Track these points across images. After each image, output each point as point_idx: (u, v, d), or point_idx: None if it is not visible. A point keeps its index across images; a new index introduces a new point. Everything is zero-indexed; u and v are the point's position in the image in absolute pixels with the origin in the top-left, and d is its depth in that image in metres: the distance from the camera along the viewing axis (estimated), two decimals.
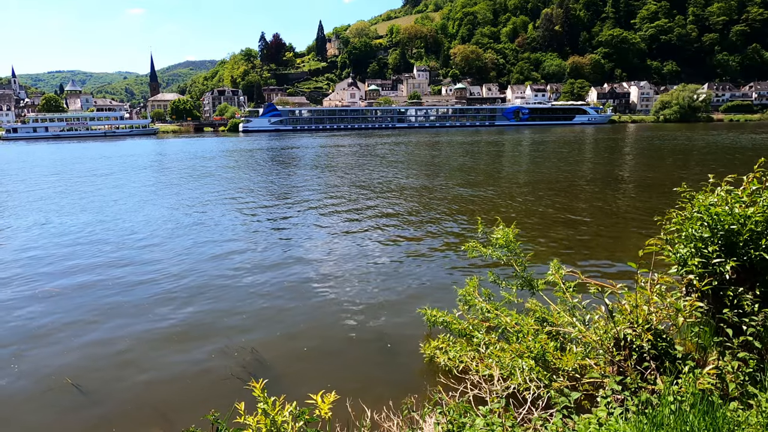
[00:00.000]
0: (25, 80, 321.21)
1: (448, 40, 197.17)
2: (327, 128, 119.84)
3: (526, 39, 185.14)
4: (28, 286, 9.13)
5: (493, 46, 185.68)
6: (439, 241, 11.89)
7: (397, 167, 30.53)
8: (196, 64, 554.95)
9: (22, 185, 26.31)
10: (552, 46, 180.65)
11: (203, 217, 15.54)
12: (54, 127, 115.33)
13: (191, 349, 6.52)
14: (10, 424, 4.99)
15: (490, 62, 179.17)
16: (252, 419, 3.35)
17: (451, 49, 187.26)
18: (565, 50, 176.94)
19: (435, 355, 5.45)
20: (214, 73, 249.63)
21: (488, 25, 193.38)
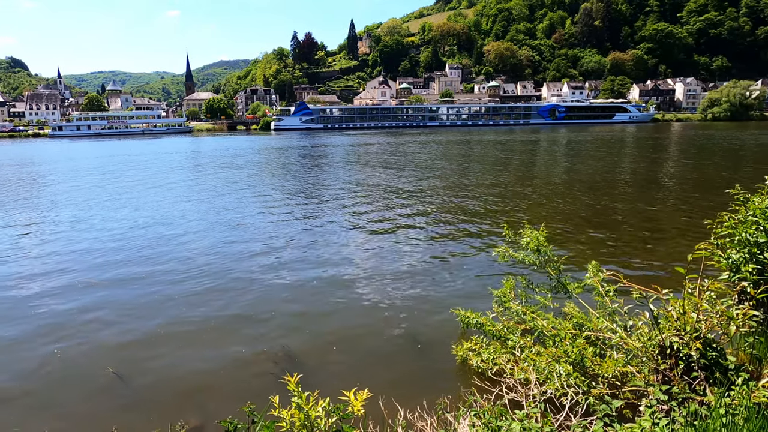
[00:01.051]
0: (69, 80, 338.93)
1: (482, 37, 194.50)
2: (357, 127, 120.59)
3: (564, 35, 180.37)
4: (68, 277, 9.64)
5: (529, 42, 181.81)
6: (471, 242, 11.77)
7: (427, 166, 30.40)
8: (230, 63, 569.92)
9: (66, 181, 27.78)
10: (591, 42, 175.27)
11: (236, 214, 15.97)
12: (96, 125, 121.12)
13: (225, 344, 6.71)
14: (56, 409, 5.28)
15: (525, 59, 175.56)
16: (286, 413, 3.42)
17: (484, 47, 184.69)
18: (605, 46, 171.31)
19: (468, 357, 5.41)
20: (247, 72, 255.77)
21: (524, 21, 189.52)
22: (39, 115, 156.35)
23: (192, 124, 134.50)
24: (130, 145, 69.40)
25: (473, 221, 14.04)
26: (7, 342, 6.86)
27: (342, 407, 3.40)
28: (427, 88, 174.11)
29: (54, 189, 24.26)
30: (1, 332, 7.15)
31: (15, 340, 6.95)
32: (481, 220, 14.16)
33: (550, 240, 6.15)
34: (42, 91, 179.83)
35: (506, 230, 6.42)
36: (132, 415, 5.03)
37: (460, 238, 12.20)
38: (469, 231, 12.93)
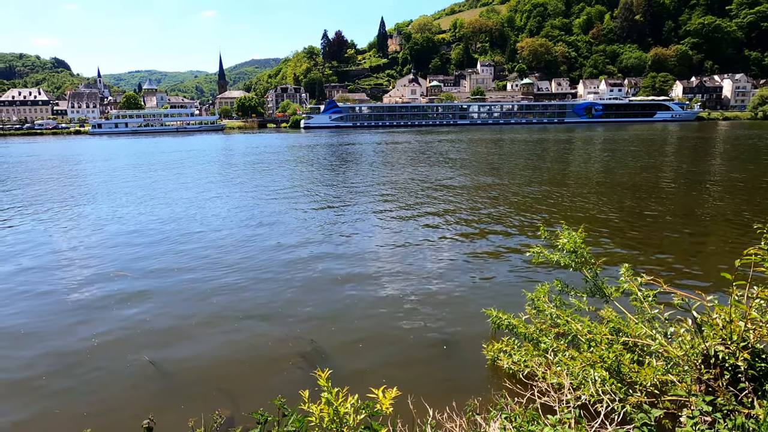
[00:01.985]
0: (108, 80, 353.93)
1: (515, 34, 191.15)
2: (387, 125, 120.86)
3: (602, 30, 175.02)
4: (105, 268, 10.09)
5: (565, 38, 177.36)
6: (501, 241, 11.62)
7: (457, 165, 30.16)
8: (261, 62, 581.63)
9: (105, 177, 29.07)
10: (631, 37, 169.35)
11: (265, 210, 16.31)
12: (133, 123, 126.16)
13: (254, 337, 6.88)
14: (93, 394, 5.55)
15: (560, 56, 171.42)
16: (315, 408, 3.48)
17: (518, 43, 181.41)
18: (646, 41, 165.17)
19: (498, 358, 5.36)
20: (277, 70, 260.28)
21: (560, 17, 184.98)
22: (80, 113, 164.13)
23: (224, 122, 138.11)
24: (164, 143, 71.90)
25: (504, 221, 13.85)
26: (47, 329, 7.25)
27: (371, 404, 3.44)
28: (458, 85, 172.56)
29: (93, 184, 25.42)
30: (41, 319, 7.56)
31: (54, 327, 7.34)
32: (513, 220, 13.95)
33: (586, 242, 6.00)
34: (83, 90, 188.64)
35: (542, 230, 6.31)
36: (166, 402, 5.23)
37: (490, 238, 12.07)
38: (500, 230, 12.77)
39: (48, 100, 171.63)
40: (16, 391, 5.63)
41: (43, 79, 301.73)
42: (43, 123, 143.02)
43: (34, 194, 21.73)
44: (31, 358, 6.39)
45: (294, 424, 3.34)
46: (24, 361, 6.31)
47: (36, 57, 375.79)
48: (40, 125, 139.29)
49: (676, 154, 36.31)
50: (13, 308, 8.02)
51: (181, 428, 4.45)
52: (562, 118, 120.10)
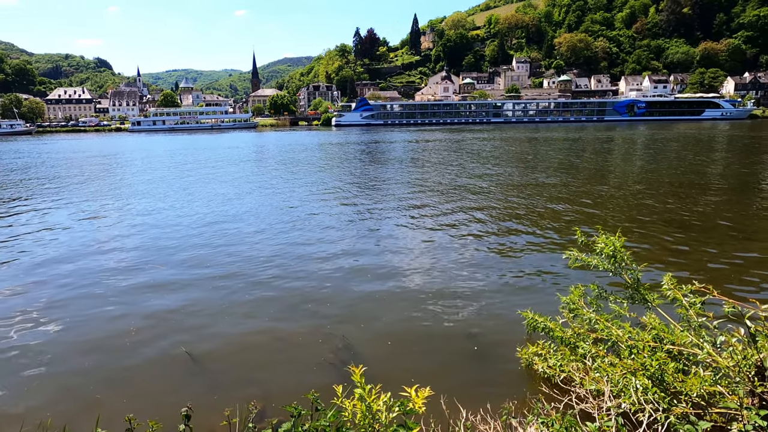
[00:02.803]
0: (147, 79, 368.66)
1: (553, 29, 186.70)
2: (418, 123, 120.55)
3: (646, 24, 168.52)
4: (142, 261, 10.52)
5: (606, 33, 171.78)
6: (536, 243, 11.40)
7: (489, 163, 29.76)
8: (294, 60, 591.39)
9: (143, 173, 30.30)
10: (678, 31, 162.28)
11: (297, 207, 16.59)
12: (170, 120, 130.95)
13: (287, 332, 7.02)
14: (132, 382, 5.81)
15: (601, 51, 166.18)
16: (348, 403, 3.53)
17: (555, 39, 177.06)
18: (694, 35, 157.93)
19: (533, 362, 5.28)
20: (309, 69, 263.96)
21: (600, 11, 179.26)
22: (120, 110, 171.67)
23: (256, 119, 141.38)
24: (199, 140, 74.22)
25: (538, 221, 13.59)
26: (86, 318, 7.63)
27: (405, 402, 3.46)
28: (492, 83, 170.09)
29: (133, 180, 26.55)
30: (80, 309, 7.96)
31: (93, 316, 7.71)
32: (548, 222, 13.66)
33: (626, 246, 5.82)
34: (123, 88, 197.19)
35: (578, 234, 6.16)
36: (201, 392, 5.42)
37: (522, 238, 11.86)
38: (532, 231, 12.53)
39: (91, 99, 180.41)
40: (59, 376, 5.96)
41: (86, 78, 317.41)
42: (87, 120, 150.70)
43: (78, 189, 22.89)
44: (71, 345, 6.74)
45: (330, 418, 3.40)
46: (65, 348, 6.67)
47: (80, 57, 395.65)
48: (83, 122, 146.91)
49: (725, 154, 34.59)
50: (54, 297, 8.47)
51: (217, 417, 4.60)
52: (601, 117, 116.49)
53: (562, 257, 10.16)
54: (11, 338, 6.92)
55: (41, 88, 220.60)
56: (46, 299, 8.38)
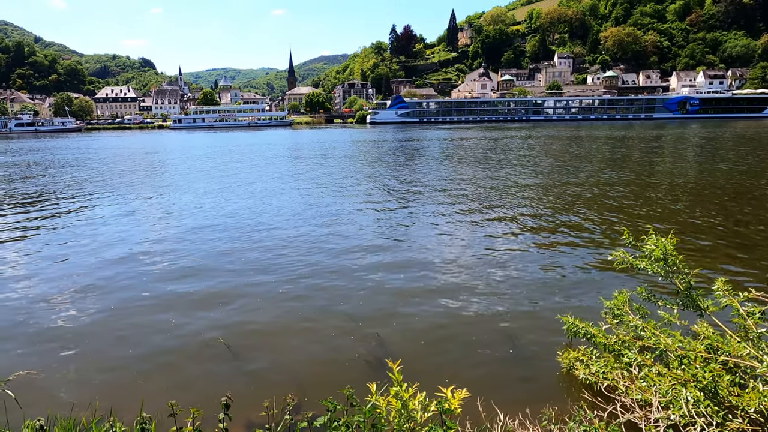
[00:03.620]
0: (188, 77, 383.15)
1: (598, 23, 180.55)
2: (455, 121, 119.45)
3: (702, 16, 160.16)
4: (181, 254, 10.93)
5: (657, 26, 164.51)
6: (577, 244, 11.07)
7: (528, 162, 29.13)
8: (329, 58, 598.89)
9: (185, 168, 31.49)
10: (737, 23, 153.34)
11: (331, 203, 16.80)
12: (209, 118, 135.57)
13: (320, 328, 7.13)
14: (176, 370, 6.05)
15: (650, 45, 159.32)
16: (383, 400, 3.55)
17: (601, 33, 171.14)
18: (756, 27, 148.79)
19: (574, 367, 5.14)
20: (345, 66, 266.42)
21: (651, 3, 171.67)
22: (163, 108, 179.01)
23: (292, 117, 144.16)
24: (237, 137, 76.39)
25: (581, 222, 13.19)
26: (127, 306, 8.00)
27: (442, 402, 3.45)
28: (532, 79, 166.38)
29: (174, 176, 27.65)
30: (121, 298, 8.36)
31: (133, 304, 8.07)
32: (589, 221, 13.25)
33: (679, 250, 5.58)
34: (166, 87, 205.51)
35: (626, 234, 5.94)
36: (240, 383, 5.59)
37: (564, 239, 11.55)
38: (573, 232, 12.18)
39: (135, 97, 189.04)
40: (101, 362, 6.29)
41: (132, 77, 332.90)
42: (131, 118, 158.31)
43: (123, 183, 24.05)
44: (112, 331, 7.09)
45: (366, 414, 3.44)
46: (107, 334, 7.02)
47: (126, 57, 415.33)
48: (128, 120, 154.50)
49: None
50: (96, 285, 8.93)
51: (253, 408, 4.74)
52: (650, 114, 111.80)
53: (604, 258, 9.84)
54: (57, 324, 7.36)
55: (90, 87, 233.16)
56: (89, 287, 8.85)
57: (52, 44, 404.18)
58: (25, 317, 7.62)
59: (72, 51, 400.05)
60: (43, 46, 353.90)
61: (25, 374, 4.61)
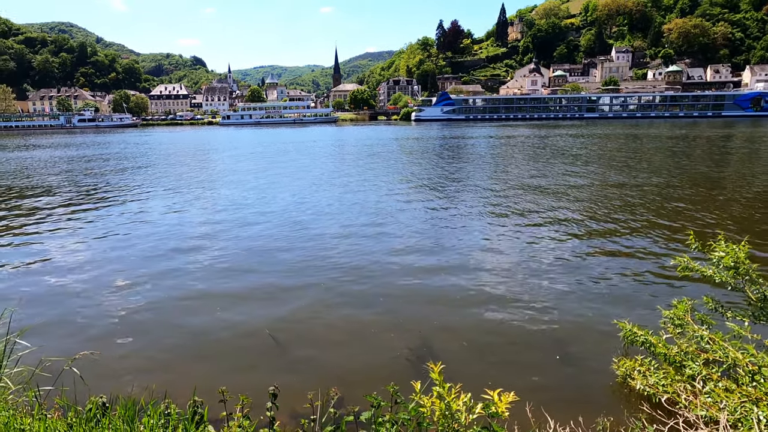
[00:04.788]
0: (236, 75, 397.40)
1: (662, 14, 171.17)
2: (502, 118, 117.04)
3: None
4: (226, 246, 11.38)
5: (728, 16, 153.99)
6: (629, 248, 10.56)
7: (580, 161, 28.08)
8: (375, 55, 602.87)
9: (234, 164, 32.69)
10: None
11: (373, 199, 16.91)
12: (256, 114, 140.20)
13: (362, 324, 7.21)
14: (224, 358, 6.30)
15: (720, 37, 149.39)
16: (427, 400, 3.55)
17: (664, 25, 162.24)
18: None
19: (631, 376, 4.93)
20: (390, 63, 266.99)
21: None
22: (212, 105, 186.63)
23: (336, 114, 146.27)
24: (282, 133, 78.40)
25: (635, 227, 12.57)
26: (175, 295, 8.41)
27: (489, 405, 3.41)
28: (587, 75, 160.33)
29: (223, 170, 28.77)
30: (169, 286, 8.78)
31: (181, 293, 8.47)
32: (646, 227, 12.60)
33: (751, 258, 5.22)
34: (215, 85, 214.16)
35: (692, 239, 5.62)
36: (285, 374, 5.76)
37: (615, 242, 11.05)
38: (629, 237, 11.62)
39: (187, 94, 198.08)
40: (154, 347, 6.64)
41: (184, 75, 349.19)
42: (183, 114, 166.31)
43: (174, 178, 25.28)
44: (163, 319, 7.48)
45: (412, 412, 3.45)
46: (159, 321, 7.41)
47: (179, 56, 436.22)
48: (180, 116, 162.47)
49: None
50: (147, 274, 9.44)
51: (297, 399, 4.87)
52: (718, 112, 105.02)
53: (662, 265, 9.36)
54: (113, 309, 7.86)
55: (146, 84, 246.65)
56: (142, 276, 9.37)
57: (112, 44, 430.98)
58: (84, 302, 8.19)
59: (130, 51, 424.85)
60: (104, 46, 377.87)
61: (89, 354, 4.97)
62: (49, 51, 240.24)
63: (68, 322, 7.42)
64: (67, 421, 3.33)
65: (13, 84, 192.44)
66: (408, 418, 3.55)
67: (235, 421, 3.50)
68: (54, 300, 8.29)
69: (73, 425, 3.20)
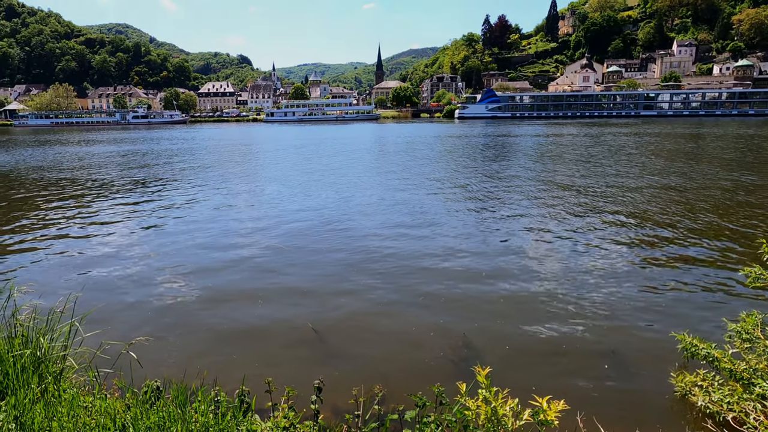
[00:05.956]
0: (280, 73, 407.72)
1: (731, 4, 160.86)
2: (551, 116, 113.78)
3: None
4: (270, 241, 11.70)
5: None
6: (689, 259, 9.96)
7: (635, 161, 26.84)
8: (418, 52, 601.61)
9: (278, 160, 33.55)
10: None
11: (415, 198, 16.88)
12: (299, 112, 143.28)
13: (405, 323, 7.22)
14: (268, 350, 6.49)
15: None
16: (472, 403, 3.51)
17: (734, 16, 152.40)
18: None
19: (691, 392, 4.68)
20: (434, 60, 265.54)
21: None
22: (257, 102, 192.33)
23: (378, 111, 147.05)
24: (325, 130, 79.63)
25: (699, 232, 11.90)
26: (224, 290, 8.69)
27: (539, 412, 3.34)
28: (644, 70, 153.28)
29: (267, 166, 29.59)
30: (218, 282, 9.09)
31: (230, 288, 8.76)
32: (713, 232, 11.90)
33: None
34: (260, 82, 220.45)
35: (765, 247, 5.27)
36: (327, 368, 5.87)
37: (674, 252, 10.48)
38: (692, 242, 11.01)
39: (233, 92, 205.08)
40: (201, 334, 6.93)
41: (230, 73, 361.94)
42: (229, 111, 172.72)
43: (221, 172, 26.24)
44: (214, 310, 7.78)
45: (456, 414, 3.44)
46: (210, 313, 7.70)
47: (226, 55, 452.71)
48: (226, 113, 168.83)
49: None
50: (197, 271, 9.81)
51: (340, 394, 4.95)
52: None
53: (726, 275, 8.81)
54: (164, 298, 8.26)
55: (194, 83, 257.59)
56: (189, 267, 9.80)
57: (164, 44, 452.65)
58: (138, 290, 8.67)
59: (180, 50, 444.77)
60: (156, 46, 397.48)
61: (144, 340, 5.27)
62: (106, 51, 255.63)
63: (124, 308, 7.88)
64: (124, 401, 3.54)
65: (75, 83, 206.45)
66: (453, 420, 3.53)
67: (281, 412, 3.60)
68: (111, 287, 8.83)
69: (130, 406, 3.40)
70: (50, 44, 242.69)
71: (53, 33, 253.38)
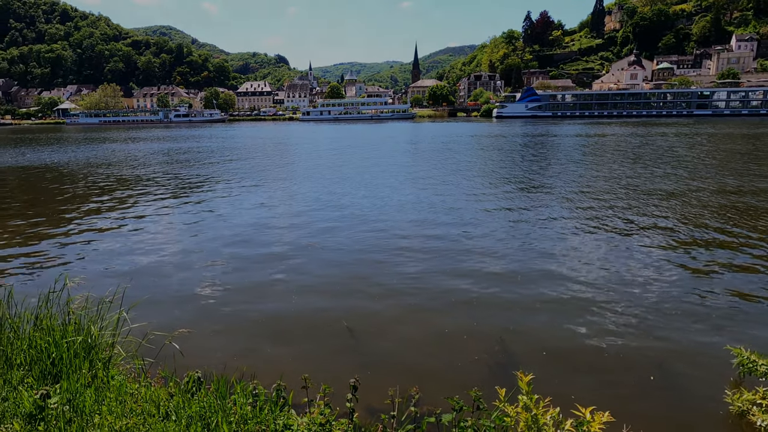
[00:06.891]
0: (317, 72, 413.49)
1: None
2: (595, 115, 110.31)
3: None
4: (302, 237, 11.93)
5: None
6: (742, 267, 9.45)
7: (686, 164, 25.64)
8: (456, 50, 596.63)
9: (313, 159, 34.07)
10: None
11: (447, 199, 16.77)
12: (334, 111, 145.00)
13: (439, 326, 7.18)
14: (302, 347, 6.61)
15: None
16: (512, 409, 3.46)
17: None
18: None
19: (750, 412, 4.44)
20: (472, 58, 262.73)
21: None
22: (293, 102, 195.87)
23: (414, 110, 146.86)
24: (360, 129, 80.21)
25: (757, 239, 11.26)
26: (258, 286, 8.91)
27: (584, 423, 3.26)
28: (699, 67, 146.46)
29: (303, 164, 30.08)
30: (253, 278, 9.32)
31: (265, 284, 8.98)
32: (764, 240, 11.24)
33: None
34: (297, 82, 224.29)
35: None
36: (362, 369, 5.91)
37: (732, 258, 9.94)
38: (749, 250, 10.42)
39: (270, 91, 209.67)
40: (242, 333, 7.12)
41: (268, 73, 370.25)
42: (266, 110, 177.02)
43: (257, 170, 26.88)
44: (250, 306, 7.98)
45: (495, 420, 3.40)
46: (246, 308, 7.91)
47: (264, 55, 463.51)
48: (264, 112, 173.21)
49: None
50: (232, 268, 10.07)
51: (374, 394, 4.98)
52: None
53: None
54: (202, 292, 8.56)
55: (233, 82, 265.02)
56: (225, 264, 10.11)
57: (205, 45, 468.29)
58: (180, 283, 9.02)
59: (220, 50, 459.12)
60: (198, 46, 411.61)
61: (186, 332, 5.47)
62: (151, 52, 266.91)
63: (167, 300, 8.22)
64: (167, 390, 3.69)
65: (122, 83, 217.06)
66: (491, 426, 3.50)
67: (317, 408, 3.66)
68: (156, 280, 9.25)
69: (173, 395, 3.54)
70: (100, 46, 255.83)
71: (103, 35, 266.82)
